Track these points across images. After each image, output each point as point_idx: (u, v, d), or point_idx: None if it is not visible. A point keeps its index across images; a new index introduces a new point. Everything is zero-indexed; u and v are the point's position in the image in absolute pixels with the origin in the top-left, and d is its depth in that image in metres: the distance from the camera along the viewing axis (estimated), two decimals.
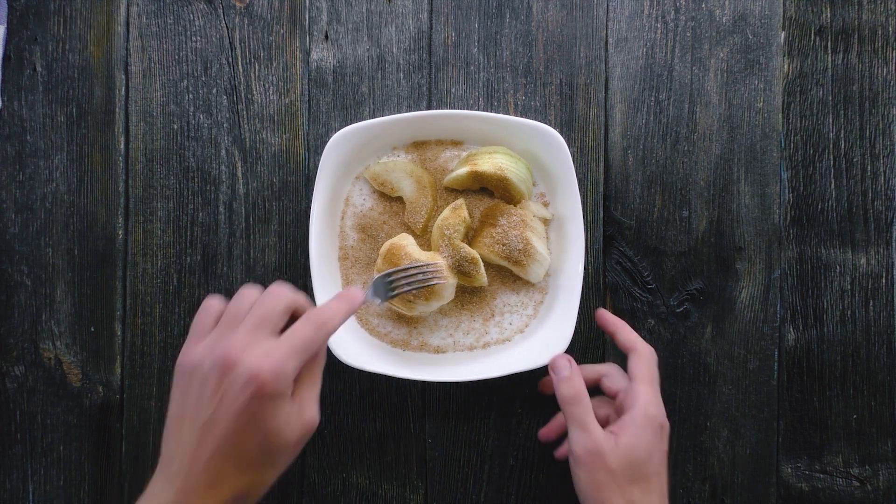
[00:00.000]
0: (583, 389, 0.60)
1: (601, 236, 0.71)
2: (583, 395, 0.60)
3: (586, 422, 0.59)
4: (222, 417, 0.46)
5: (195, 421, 0.47)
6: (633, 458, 0.57)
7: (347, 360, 0.64)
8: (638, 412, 0.58)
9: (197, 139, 0.71)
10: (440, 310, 0.68)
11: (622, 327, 0.65)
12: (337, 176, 0.67)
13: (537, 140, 0.66)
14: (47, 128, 0.71)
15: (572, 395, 0.60)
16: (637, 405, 0.59)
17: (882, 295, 0.71)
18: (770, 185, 0.71)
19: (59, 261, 0.70)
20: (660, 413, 0.60)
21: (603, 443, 0.57)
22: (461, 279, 0.66)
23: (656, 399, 0.60)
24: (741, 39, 0.71)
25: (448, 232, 0.65)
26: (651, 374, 0.61)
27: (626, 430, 0.58)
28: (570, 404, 0.60)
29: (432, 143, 0.69)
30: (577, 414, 0.59)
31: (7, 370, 0.70)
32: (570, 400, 0.60)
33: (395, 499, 0.70)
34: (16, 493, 0.70)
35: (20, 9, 0.71)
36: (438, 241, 0.66)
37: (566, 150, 0.65)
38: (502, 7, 0.71)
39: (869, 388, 0.71)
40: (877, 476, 0.70)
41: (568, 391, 0.60)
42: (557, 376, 0.61)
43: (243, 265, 0.70)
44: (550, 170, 0.67)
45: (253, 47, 0.71)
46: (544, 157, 0.67)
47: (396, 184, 0.67)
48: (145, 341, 0.70)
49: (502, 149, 0.67)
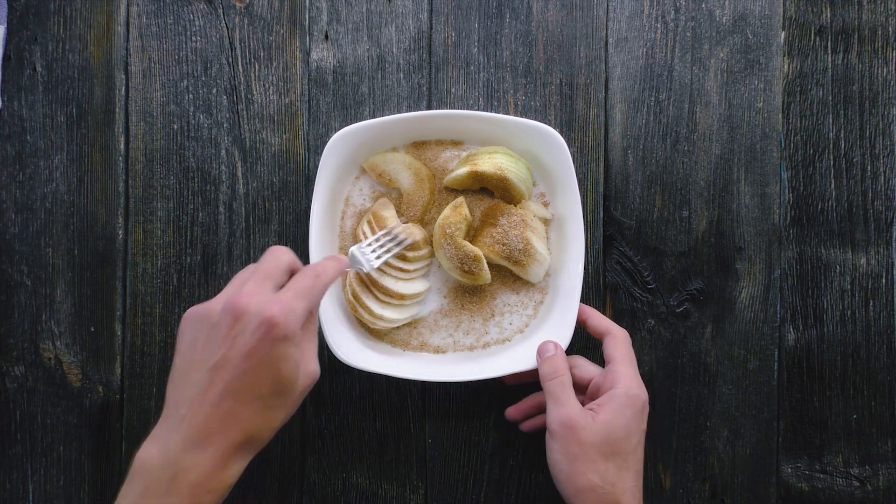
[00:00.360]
0: (563, 367, 0.61)
1: (601, 236, 0.71)
2: (562, 371, 0.60)
3: (563, 396, 0.59)
4: (234, 356, 0.48)
5: (205, 363, 0.49)
6: (610, 434, 0.57)
7: (348, 360, 0.64)
8: (619, 391, 0.59)
9: (197, 139, 0.71)
10: (440, 310, 0.68)
11: (593, 314, 0.65)
12: (337, 176, 0.67)
13: (537, 140, 0.66)
14: (47, 128, 0.71)
15: (552, 371, 0.61)
16: (618, 385, 0.59)
17: (882, 295, 0.71)
18: (770, 185, 0.71)
19: (59, 261, 0.70)
20: (642, 392, 0.60)
21: (579, 417, 0.58)
22: (465, 277, 0.66)
23: (637, 379, 0.61)
24: (741, 39, 0.71)
25: (450, 230, 0.65)
26: (629, 354, 0.62)
27: (606, 407, 0.58)
28: (549, 380, 0.60)
29: (432, 143, 0.69)
30: (555, 389, 0.60)
31: (7, 370, 0.70)
32: (550, 376, 0.60)
33: (395, 499, 0.70)
34: (16, 493, 0.70)
35: (20, 9, 0.71)
36: (440, 240, 0.66)
37: (566, 149, 0.65)
38: (502, 7, 0.71)
39: (869, 388, 0.71)
40: (877, 476, 0.70)
41: (548, 368, 0.61)
42: (542, 357, 0.62)
43: (243, 265, 0.70)
44: (550, 170, 0.67)
45: (253, 47, 0.71)
46: (544, 157, 0.67)
47: (394, 175, 0.68)
48: (145, 341, 0.70)
49: (502, 149, 0.67)
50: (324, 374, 0.61)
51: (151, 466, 0.48)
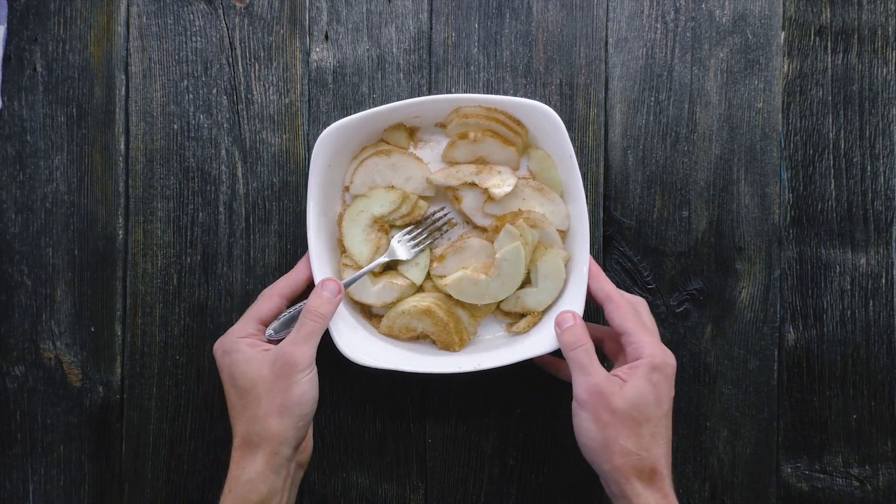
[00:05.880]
0: (585, 335, 0.59)
1: (601, 236, 0.71)
2: (584, 339, 0.59)
3: (588, 364, 0.58)
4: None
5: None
6: (640, 400, 0.56)
7: (348, 353, 0.64)
8: (645, 361, 0.57)
9: (197, 139, 0.71)
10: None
11: (596, 277, 0.63)
12: (331, 168, 0.66)
13: (533, 118, 0.65)
14: (47, 128, 0.71)
15: (574, 340, 0.59)
16: (644, 354, 0.58)
17: (882, 295, 0.71)
18: (770, 185, 0.71)
19: (59, 261, 0.70)
20: (669, 358, 0.58)
21: (608, 384, 0.56)
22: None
23: (660, 346, 0.59)
24: (741, 39, 0.71)
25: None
26: (643, 321, 0.61)
27: (634, 374, 0.57)
28: (573, 349, 0.59)
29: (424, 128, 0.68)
30: (580, 357, 0.58)
31: (7, 370, 0.70)
32: (572, 345, 0.59)
33: (395, 499, 0.70)
34: (16, 493, 0.70)
35: (20, 9, 0.71)
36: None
37: (563, 130, 0.64)
38: (502, 7, 0.71)
39: (869, 388, 0.71)
40: (877, 476, 0.70)
41: (570, 337, 0.59)
42: (561, 328, 0.61)
43: (243, 265, 0.70)
44: (549, 150, 0.66)
45: (253, 47, 0.71)
46: (544, 140, 0.66)
47: (414, 327, 0.67)
48: (145, 341, 0.70)
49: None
50: (324, 375, 0.61)
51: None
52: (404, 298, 0.67)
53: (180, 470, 0.70)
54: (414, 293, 0.67)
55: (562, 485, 0.70)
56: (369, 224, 0.67)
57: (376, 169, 0.67)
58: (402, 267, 0.67)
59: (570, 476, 0.71)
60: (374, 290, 0.67)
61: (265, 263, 0.70)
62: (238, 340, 0.61)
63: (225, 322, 0.70)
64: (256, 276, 0.70)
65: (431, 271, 0.67)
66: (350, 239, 0.66)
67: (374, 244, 0.66)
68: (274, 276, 0.70)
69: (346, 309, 0.67)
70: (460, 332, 0.66)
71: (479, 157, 0.67)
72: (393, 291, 0.67)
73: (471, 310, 0.67)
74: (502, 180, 0.65)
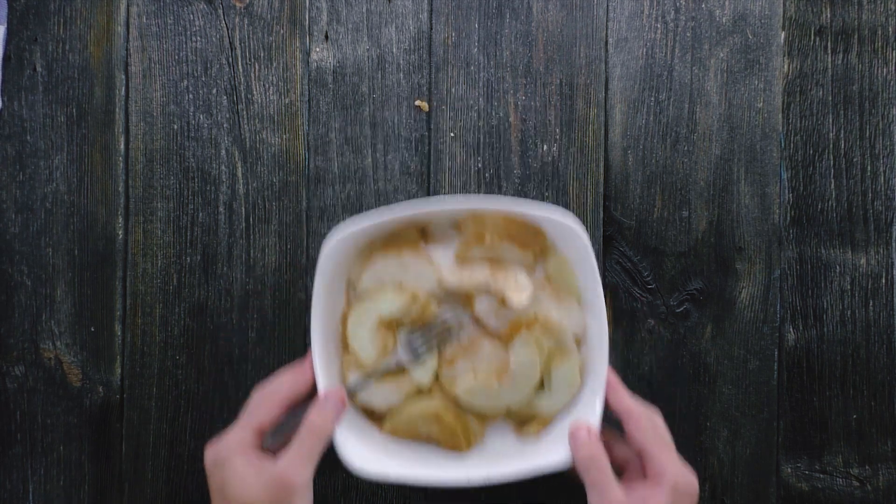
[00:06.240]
0: (600, 451, 0.57)
1: (601, 236, 0.71)
2: (599, 456, 0.57)
3: (605, 484, 0.55)
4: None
5: None
6: None
7: (353, 465, 0.60)
8: (668, 481, 0.55)
9: (197, 139, 0.71)
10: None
11: (614, 389, 0.60)
12: (337, 272, 0.62)
13: (558, 229, 0.61)
14: (47, 128, 0.71)
15: (588, 457, 0.57)
16: (667, 475, 0.55)
17: (882, 295, 0.71)
18: (770, 185, 0.71)
19: (59, 261, 0.70)
20: (693, 480, 0.56)
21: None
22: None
23: (682, 465, 0.57)
24: (741, 39, 0.71)
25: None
26: (661, 437, 0.58)
27: (654, 495, 0.55)
28: (587, 469, 0.57)
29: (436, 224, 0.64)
30: (595, 478, 0.56)
31: (7, 370, 0.70)
32: (587, 463, 0.57)
33: (396, 499, 0.70)
34: (16, 493, 0.70)
35: (20, 9, 0.71)
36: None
37: (587, 242, 0.60)
38: (502, 7, 0.71)
39: (869, 388, 0.71)
40: (877, 476, 0.70)
41: (585, 453, 0.57)
42: (576, 443, 0.58)
43: (243, 265, 0.70)
44: (568, 255, 0.62)
45: (253, 47, 0.71)
46: (564, 245, 0.62)
47: (420, 430, 0.63)
48: (145, 341, 0.70)
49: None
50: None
51: None
52: (410, 400, 0.63)
53: (180, 470, 0.70)
54: (420, 394, 0.64)
55: (562, 485, 0.70)
56: (376, 324, 0.62)
57: (385, 269, 0.62)
58: (408, 368, 0.63)
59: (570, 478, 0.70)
60: (379, 392, 0.62)
61: (265, 263, 0.70)
62: (232, 454, 0.56)
63: (225, 322, 0.70)
64: (256, 276, 0.70)
65: (440, 376, 0.63)
66: (356, 340, 0.62)
67: (381, 344, 0.62)
68: (274, 276, 0.70)
69: (347, 408, 0.62)
70: (468, 435, 0.63)
71: (494, 258, 0.63)
72: (399, 393, 0.62)
73: (480, 414, 0.64)
74: (519, 288, 0.62)
